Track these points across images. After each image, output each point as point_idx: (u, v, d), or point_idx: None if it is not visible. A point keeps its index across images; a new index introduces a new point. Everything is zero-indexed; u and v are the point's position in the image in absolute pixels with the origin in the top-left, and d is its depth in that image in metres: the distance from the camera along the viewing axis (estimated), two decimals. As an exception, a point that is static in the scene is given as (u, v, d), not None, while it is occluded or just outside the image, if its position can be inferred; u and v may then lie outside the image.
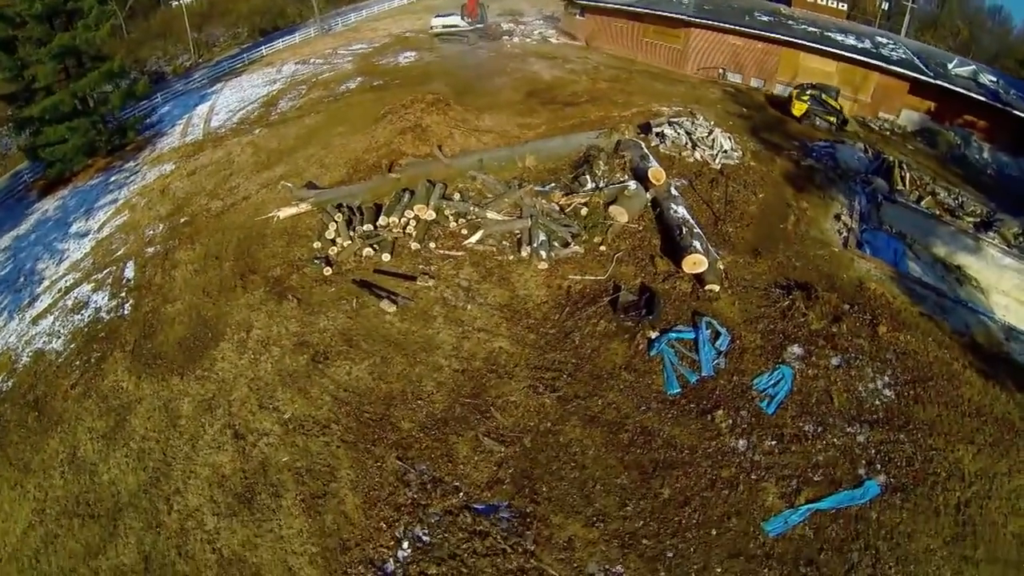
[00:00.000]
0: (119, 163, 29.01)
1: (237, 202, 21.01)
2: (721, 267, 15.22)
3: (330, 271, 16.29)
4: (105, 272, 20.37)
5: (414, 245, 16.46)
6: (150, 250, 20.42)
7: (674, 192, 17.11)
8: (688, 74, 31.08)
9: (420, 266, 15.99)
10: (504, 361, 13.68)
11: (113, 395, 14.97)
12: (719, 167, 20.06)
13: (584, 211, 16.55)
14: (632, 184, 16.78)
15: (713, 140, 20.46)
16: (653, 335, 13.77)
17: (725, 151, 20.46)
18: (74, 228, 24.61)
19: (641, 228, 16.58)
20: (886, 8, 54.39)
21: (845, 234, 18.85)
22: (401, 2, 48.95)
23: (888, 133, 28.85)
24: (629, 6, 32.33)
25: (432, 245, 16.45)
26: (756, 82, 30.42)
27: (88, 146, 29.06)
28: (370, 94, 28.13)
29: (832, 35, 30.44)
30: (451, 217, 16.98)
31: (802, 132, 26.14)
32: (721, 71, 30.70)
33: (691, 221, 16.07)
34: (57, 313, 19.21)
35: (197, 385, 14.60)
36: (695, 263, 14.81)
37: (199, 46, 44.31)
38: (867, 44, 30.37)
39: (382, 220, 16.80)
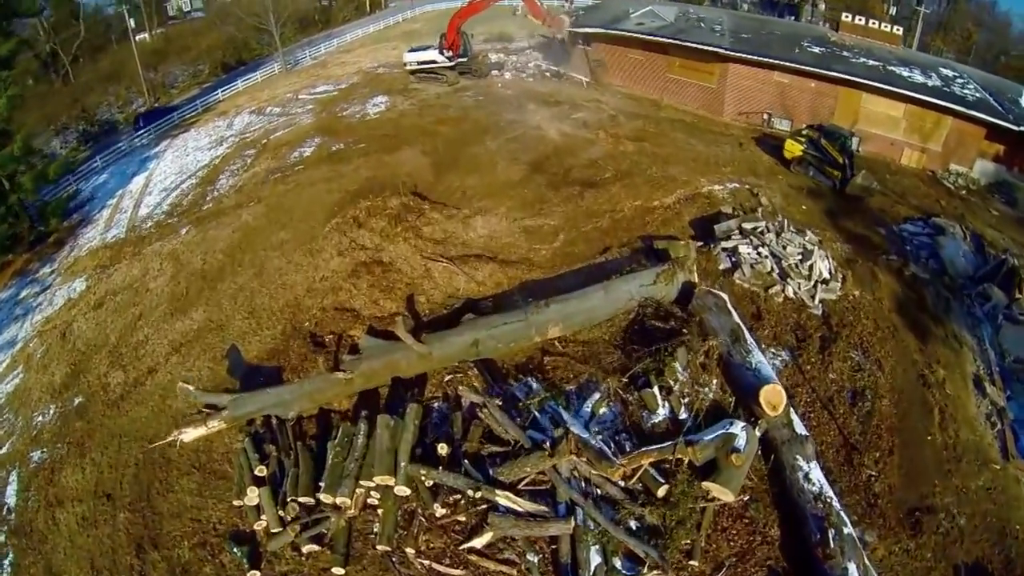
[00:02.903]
0: (36, 265, 21.30)
1: (141, 377, 13.40)
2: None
3: (258, 576, 8.78)
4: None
5: (381, 547, 8.86)
6: (36, 456, 13.01)
7: (798, 426, 9.12)
8: (727, 121, 22.99)
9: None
10: None
11: None
12: (819, 309, 12.53)
13: (662, 490, 8.59)
14: (741, 433, 8.68)
15: (810, 267, 12.83)
16: None
17: (824, 281, 12.90)
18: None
19: (746, 499, 9.03)
20: (894, 13, 47.00)
21: (997, 423, 11.94)
22: (377, 27, 39.78)
23: (963, 191, 21.26)
24: (650, 34, 23.97)
25: (410, 551, 8.75)
26: (810, 130, 22.36)
27: (4, 240, 21.33)
28: (325, 167, 20.06)
29: (896, 70, 22.43)
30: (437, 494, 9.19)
31: (880, 207, 18.57)
32: (766, 116, 22.58)
33: (833, 501, 8.34)
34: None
35: None
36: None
37: (156, 88, 35.52)
38: (936, 80, 22.38)
39: (325, 497, 9.09)
